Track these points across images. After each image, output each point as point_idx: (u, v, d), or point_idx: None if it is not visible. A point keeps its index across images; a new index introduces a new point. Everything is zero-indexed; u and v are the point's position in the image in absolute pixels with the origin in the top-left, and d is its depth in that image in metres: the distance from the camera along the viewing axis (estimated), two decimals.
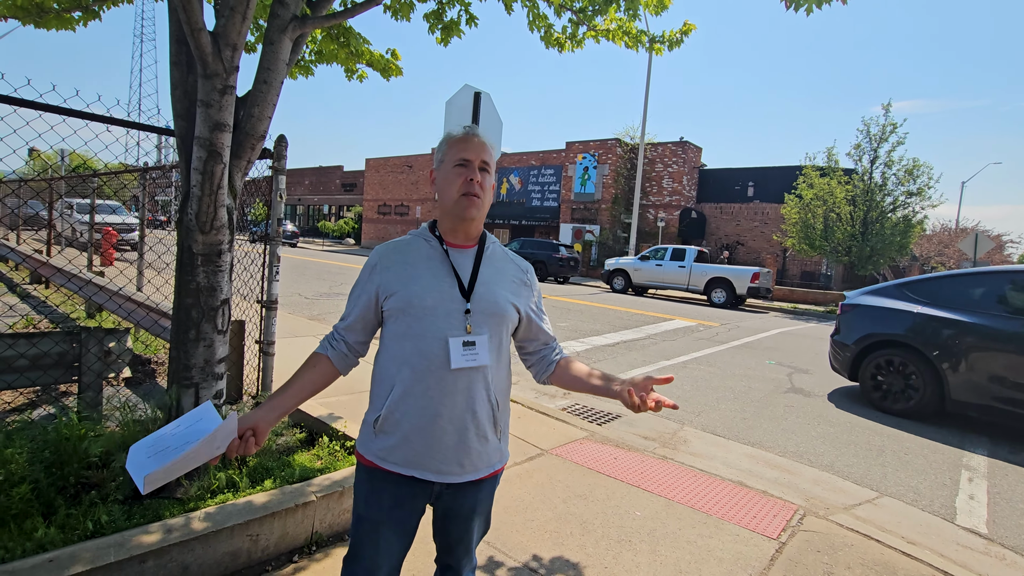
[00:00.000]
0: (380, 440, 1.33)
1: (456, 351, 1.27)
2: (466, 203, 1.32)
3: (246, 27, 2.26)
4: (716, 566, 2.46)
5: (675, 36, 4.10)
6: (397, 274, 1.33)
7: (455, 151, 1.34)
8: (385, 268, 1.35)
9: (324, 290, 11.68)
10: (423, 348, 1.28)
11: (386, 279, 1.33)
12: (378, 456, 1.33)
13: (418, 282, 1.31)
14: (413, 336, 1.29)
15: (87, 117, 2.63)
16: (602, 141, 25.90)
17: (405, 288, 1.31)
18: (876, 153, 16.78)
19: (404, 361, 1.30)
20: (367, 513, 1.36)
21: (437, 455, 1.30)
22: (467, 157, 1.33)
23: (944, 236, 31.90)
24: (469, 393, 1.30)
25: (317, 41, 3.72)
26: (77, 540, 1.92)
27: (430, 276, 1.33)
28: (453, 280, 1.33)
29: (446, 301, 1.30)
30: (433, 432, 1.29)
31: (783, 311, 16.52)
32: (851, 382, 6.14)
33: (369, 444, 1.35)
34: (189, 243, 2.42)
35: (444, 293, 1.31)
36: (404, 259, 1.36)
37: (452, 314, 1.30)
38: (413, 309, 1.29)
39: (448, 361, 1.27)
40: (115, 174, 7.03)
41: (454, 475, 1.33)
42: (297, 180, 43.69)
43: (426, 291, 1.30)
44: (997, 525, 3.28)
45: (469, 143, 1.35)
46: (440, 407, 1.28)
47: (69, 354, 3.01)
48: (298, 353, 5.47)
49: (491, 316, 1.33)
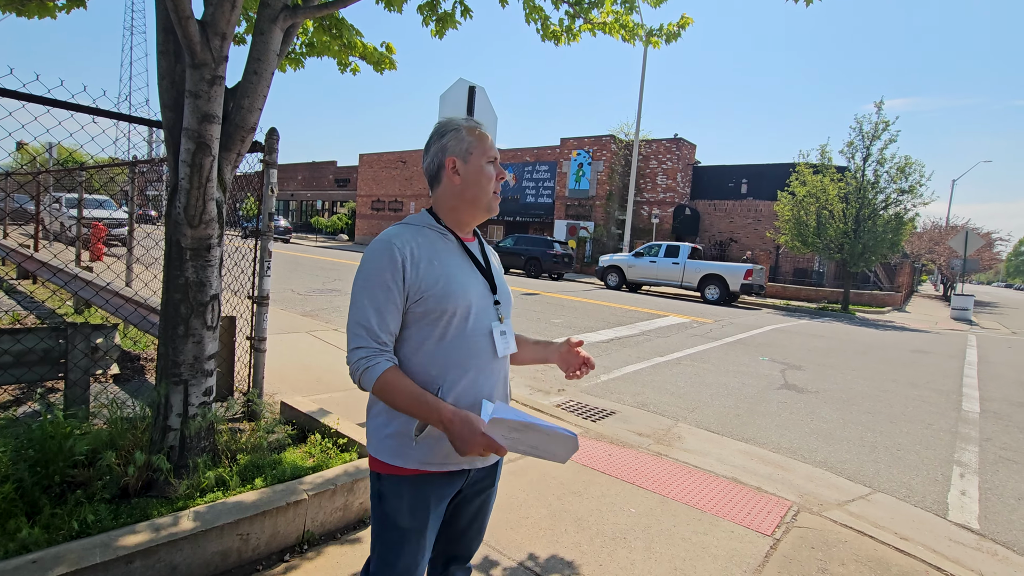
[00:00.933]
0: (428, 445, 1.26)
1: (500, 342, 1.32)
2: (496, 202, 1.36)
3: (235, 16, 2.21)
4: (711, 563, 2.45)
5: (673, 29, 4.07)
6: (432, 271, 1.24)
7: (484, 147, 1.33)
8: (415, 264, 1.22)
9: (317, 286, 11.59)
10: (473, 345, 1.28)
11: (421, 276, 1.22)
12: (423, 462, 1.26)
13: (459, 280, 1.27)
14: (465, 335, 1.27)
15: (72, 108, 2.56)
16: (597, 137, 25.87)
17: (450, 286, 1.24)
18: (869, 151, 16.83)
19: (450, 363, 1.25)
20: (412, 524, 1.29)
21: None
22: (496, 156, 1.35)
23: (935, 234, 32.17)
24: (503, 376, 1.38)
25: (309, 32, 3.66)
26: (62, 540, 1.88)
27: (464, 273, 1.30)
28: (479, 274, 1.34)
29: (484, 296, 1.32)
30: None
31: (776, 308, 16.60)
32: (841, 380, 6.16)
33: (410, 453, 1.26)
34: (177, 237, 2.37)
35: (481, 288, 1.32)
36: (434, 254, 1.27)
37: (490, 308, 1.33)
38: (460, 308, 1.26)
39: (495, 351, 1.31)
40: (101, 168, 6.91)
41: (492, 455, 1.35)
42: (290, 175, 43.37)
43: (470, 288, 1.29)
44: (989, 521, 3.30)
45: (490, 141, 1.35)
46: (492, 394, 1.32)
47: (55, 350, 2.95)
48: (291, 350, 5.45)
49: (508, 304, 1.41)
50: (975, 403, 6.10)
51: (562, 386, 5.43)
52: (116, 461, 2.28)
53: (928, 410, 5.66)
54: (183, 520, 2.02)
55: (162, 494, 2.30)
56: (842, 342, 10.11)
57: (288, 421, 3.32)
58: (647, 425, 4.43)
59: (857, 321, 14.70)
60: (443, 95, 4.64)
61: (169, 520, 2.01)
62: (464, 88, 4.56)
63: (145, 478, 2.32)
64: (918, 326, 14.68)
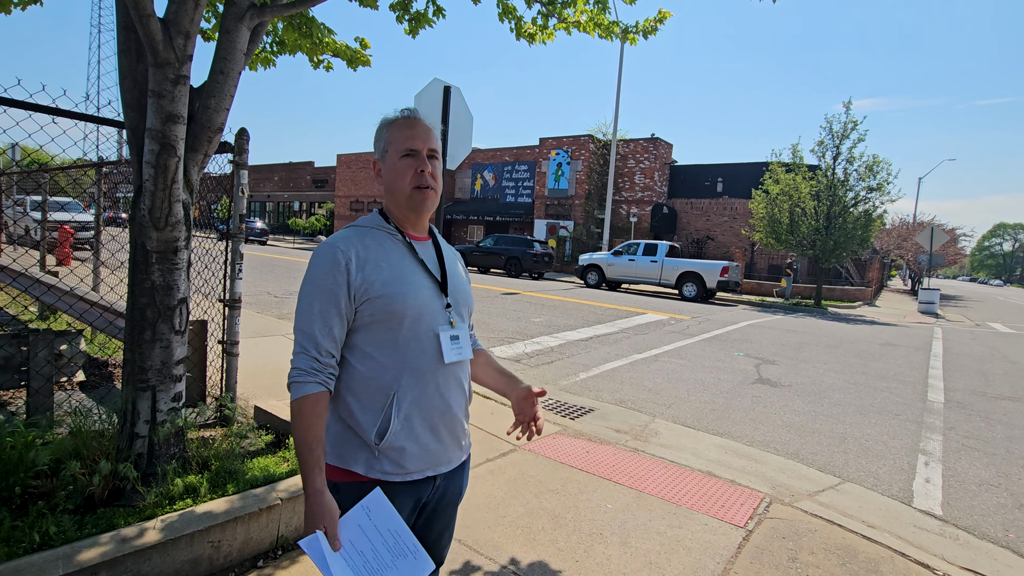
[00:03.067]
0: (390, 455, 1.22)
1: (447, 346, 1.25)
2: (420, 197, 1.25)
3: (199, 14, 2.17)
4: (685, 556, 2.49)
5: (650, 24, 4.10)
6: (380, 273, 1.20)
7: (400, 139, 1.24)
8: (360, 266, 1.19)
9: (294, 289, 11.42)
10: (425, 348, 1.22)
11: (367, 278, 1.18)
12: (386, 472, 1.22)
13: (407, 281, 1.23)
14: (412, 339, 1.21)
15: (30, 108, 2.48)
16: (575, 137, 26.01)
17: (396, 289, 1.20)
18: (838, 150, 17.28)
19: (403, 368, 1.21)
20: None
21: (448, 447, 1.30)
22: (414, 147, 1.23)
23: (903, 230, 33.17)
24: (460, 382, 1.31)
25: (278, 31, 3.61)
26: (23, 553, 1.82)
27: (411, 273, 1.25)
28: (428, 275, 1.28)
29: (433, 298, 1.26)
30: (444, 427, 1.28)
31: (751, 304, 16.92)
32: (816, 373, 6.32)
33: (372, 463, 1.21)
34: (143, 240, 2.31)
35: (429, 290, 1.26)
36: (383, 257, 1.23)
37: (439, 312, 1.27)
38: (410, 310, 1.21)
39: (442, 357, 1.24)
40: (63, 170, 6.70)
41: (456, 460, 1.34)
42: (266, 176, 42.60)
43: (418, 289, 1.24)
44: (951, 507, 3.42)
45: (415, 129, 1.24)
46: (449, 401, 1.28)
47: (15, 358, 2.86)
48: (266, 353, 5.37)
49: (464, 307, 1.35)
50: (940, 393, 6.31)
51: (541, 385, 5.45)
52: (81, 471, 2.21)
53: (895, 401, 5.83)
54: (150, 529, 1.98)
55: (130, 503, 2.24)
56: (814, 336, 10.35)
57: (262, 426, 3.27)
58: (624, 422, 4.47)
59: (829, 316, 15.07)
60: (418, 95, 4.62)
61: (136, 530, 1.97)
62: (439, 88, 4.55)
63: (112, 487, 2.26)
64: (887, 320, 15.12)
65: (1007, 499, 3.59)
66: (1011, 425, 5.24)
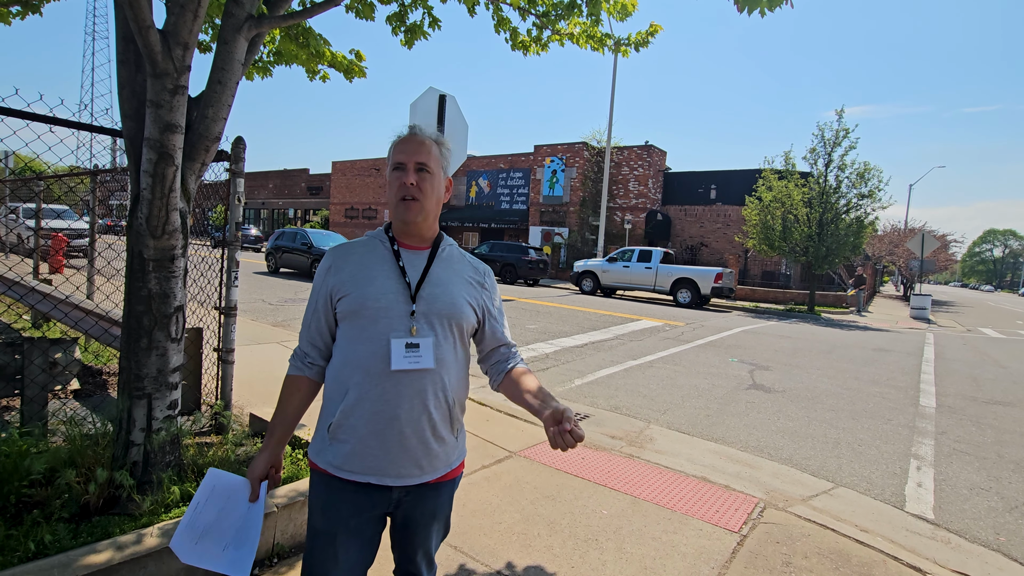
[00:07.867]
0: (336, 447, 1.29)
1: (398, 353, 1.25)
2: (403, 207, 1.32)
3: (198, 25, 2.20)
4: (680, 561, 2.50)
5: (641, 37, 4.17)
6: (351, 275, 1.32)
7: (394, 154, 1.35)
8: (339, 270, 1.34)
9: (289, 296, 11.40)
10: (376, 351, 1.26)
11: (340, 281, 1.32)
12: (333, 464, 1.30)
13: (372, 284, 1.30)
14: (366, 339, 1.27)
15: (27, 117, 2.50)
16: (570, 144, 26.15)
17: (359, 290, 1.30)
18: (830, 157, 17.45)
19: (357, 365, 1.27)
20: (324, 525, 1.31)
21: (396, 459, 1.27)
22: (401, 160, 1.33)
23: (894, 236, 33.46)
24: (423, 395, 1.27)
25: (276, 41, 3.64)
26: (17, 562, 1.82)
27: (383, 278, 1.31)
28: (403, 281, 1.31)
29: (399, 303, 1.29)
30: (390, 436, 1.26)
31: (745, 310, 17.00)
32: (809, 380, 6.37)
33: (324, 452, 1.32)
34: (140, 248, 2.32)
35: (397, 295, 1.30)
36: (359, 260, 1.35)
37: (402, 316, 1.28)
38: (367, 311, 1.28)
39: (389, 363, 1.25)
40: (59, 178, 6.69)
41: (413, 477, 1.30)
42: (261, 184, 42.55)
43: (380, 293, 1.29)
44: (943, 511, 3.45)
45: (405, 144, 1.34)
46: (397, 410, 1.25)
47: (10, 366, 2.85)
48: (261, 361, 5.35)
49: (442, 317, 1.31)
50: (932, 398, 6.37)
51: None
52: (76, 479, 2.21)
53: (888, 406, 5.88)
54: (147, 537, 1.98)
55: (125, 511, 2.24)
56: (808, 342, 10.42)
57: (258, 433, 3.27)
58: (620, 428, 4.49)
59: (823, 321, 15.17)
60: (413, 103, 4.67)
61: (132, 538, 1.97)
62: (434, 97, 4.59)
63: (107, 495, 2.26)
64: (880, 325, 15.23)
65: (998, 502, 3.63)
66: (1001, 429, 5.29)
